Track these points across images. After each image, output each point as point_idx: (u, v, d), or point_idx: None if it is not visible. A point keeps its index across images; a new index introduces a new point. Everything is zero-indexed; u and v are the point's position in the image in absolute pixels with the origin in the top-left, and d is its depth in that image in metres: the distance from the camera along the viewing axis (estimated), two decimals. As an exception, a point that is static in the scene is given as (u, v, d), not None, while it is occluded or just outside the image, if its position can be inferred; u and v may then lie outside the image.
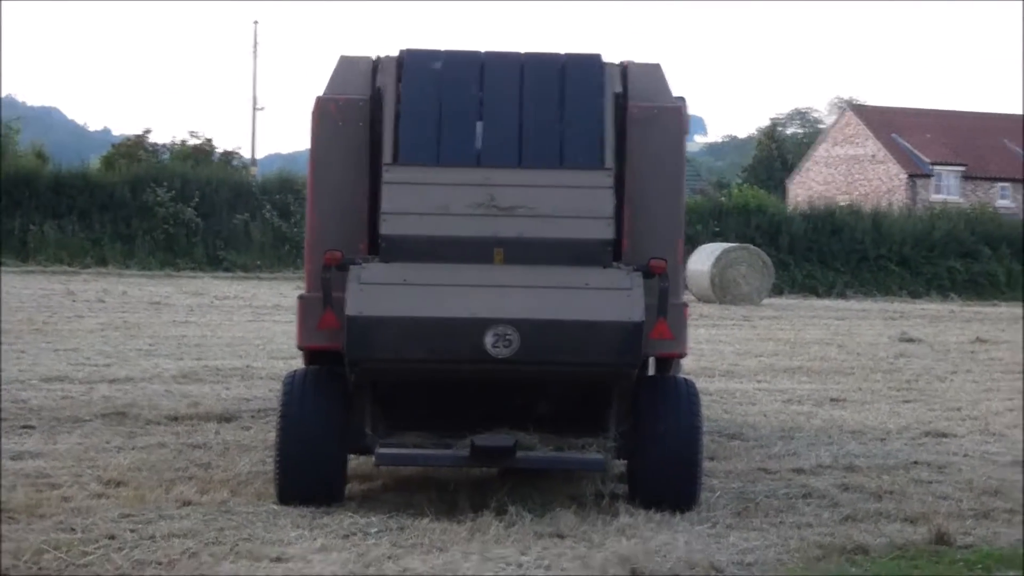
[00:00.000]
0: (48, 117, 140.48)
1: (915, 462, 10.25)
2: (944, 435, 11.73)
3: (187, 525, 7.37)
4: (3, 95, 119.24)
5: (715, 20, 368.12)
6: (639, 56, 8.97)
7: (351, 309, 7.56)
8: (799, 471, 9.72)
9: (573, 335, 7.58)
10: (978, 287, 43.01)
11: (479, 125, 8.30)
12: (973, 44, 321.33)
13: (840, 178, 67.10)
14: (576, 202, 7.93)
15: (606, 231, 7.90)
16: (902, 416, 12.96)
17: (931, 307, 36.14)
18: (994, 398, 14.63)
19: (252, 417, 11.59)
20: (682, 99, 8.57)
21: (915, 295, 41.34)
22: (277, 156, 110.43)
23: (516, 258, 7.83)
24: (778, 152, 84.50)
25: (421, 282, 7.68)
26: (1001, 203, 61.31)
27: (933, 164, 64.08)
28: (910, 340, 22.23)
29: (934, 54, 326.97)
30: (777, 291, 37.32)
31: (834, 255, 42.95)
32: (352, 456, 8.37)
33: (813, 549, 7.34)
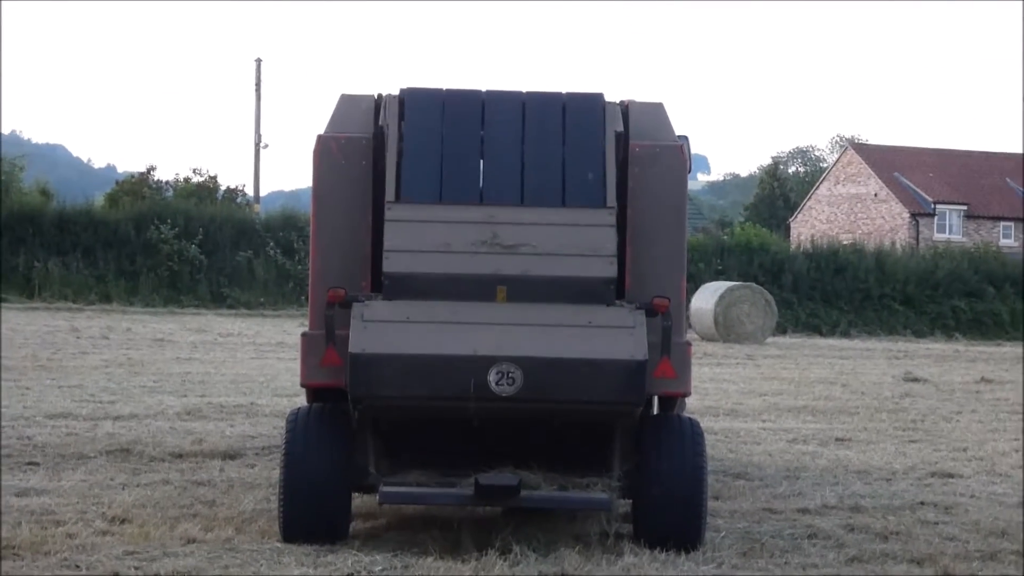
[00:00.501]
0: (53, 154, 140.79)
1: (921, 503, 10.21)
2: (950, 475, 11.68)
3: (191, 563, 7.35)
4: (7, 132, 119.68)
5: (717, 59, 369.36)
6: (642, 95, 8.99)
7: (354, 346, 7.56)
8: (804, 511, 9.68)
9: (576, 373, 7.57)
10: (982, 327, 42.92)
11: (481, 163, 8.32)
12: (974, 83, 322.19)
13: (843, 217, 67.18)
14: (579, 240, 7.94)
15: (609, 269, 7.90)
16: (908, 456, 12.91)
17: (936, 346, 36.07)
18: (1000, 438, 14.58)
19: (256, 454, 11.57)
20: (684, 138, 8.57)
21: (919, 334, 41.25)
22: (280, 193, 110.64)
23: (519, 296, 7.83)
24: (780, 191, 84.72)
25: (424, 319, 7.68)
26: (1004, 242, 61.37)
27: (936, 203, 64.16)
28: (915, 380, 22.17)
29: (935, 93, 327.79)
30: (781, 330, 37.25)
31: (838, 294, 42.90)
32: (356, 494, 8.34)
33: (818, 589, 7.29)
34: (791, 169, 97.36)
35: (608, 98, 8.50)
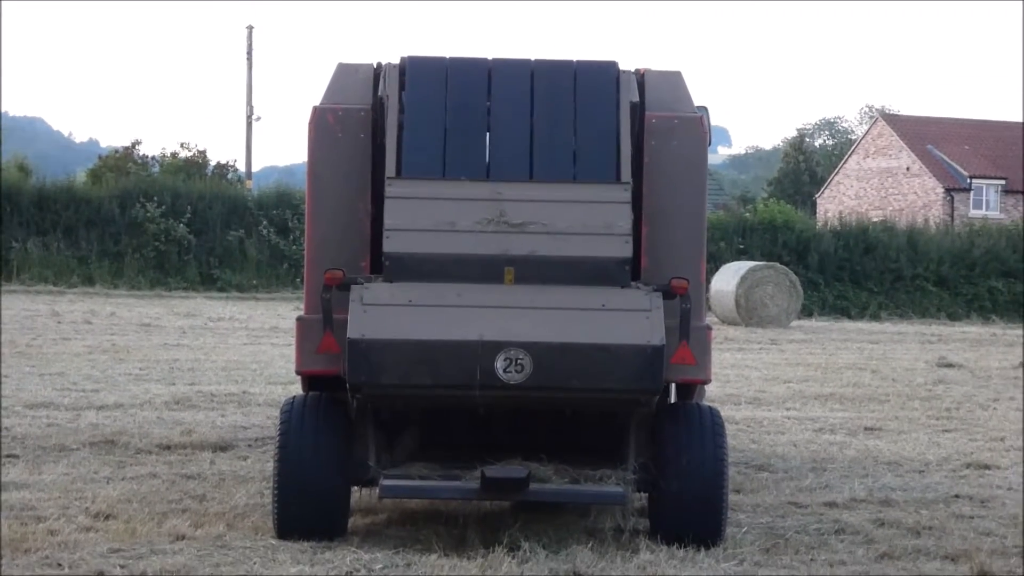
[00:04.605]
0: (32, 128, 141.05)
1: (956, 496, 10.24)
2: (987, 467, 11.69)
3: (180, 560, 7.38)
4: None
5: (738, 25, 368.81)
6: (658, 63, 9.00)
7: (353, 332, 7.58)
8: (831, 505, 9.71)
9: (589, 359, 7.59)
10: (1021, 308, 42.84)
11: (487, 136, 8.33)
12: (1013, 50, 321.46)
13: (872, 192, 67.07)
14: (591, 218, 7.95)
15: (623, 249, 7.91)
16: (941, 447, 12.93)
17: (971, 330, 36.04)
18: (1039, 427, 14.58)
19: (249, 446, 11.61)
20: (704, 108, 8.60)
21: (954, 317, 41.19)
22: (274, 169, 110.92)
23: (528, 277, 7.85)
24: (806, 165, 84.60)
25: (427, 303, 7.69)
26: (1045, 219, 61.18)
27: (972, 177, 64.01)
28: (949, 365, 22.18)
29: (971, 60, 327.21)
30: (807, 313, 37.26)
31: (867, 274, 42.85)
32: (355, 488, 8.37)
33: (846, 588, 7.31)
34: (817, 142, 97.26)
35: (622, 67, 8.51)
